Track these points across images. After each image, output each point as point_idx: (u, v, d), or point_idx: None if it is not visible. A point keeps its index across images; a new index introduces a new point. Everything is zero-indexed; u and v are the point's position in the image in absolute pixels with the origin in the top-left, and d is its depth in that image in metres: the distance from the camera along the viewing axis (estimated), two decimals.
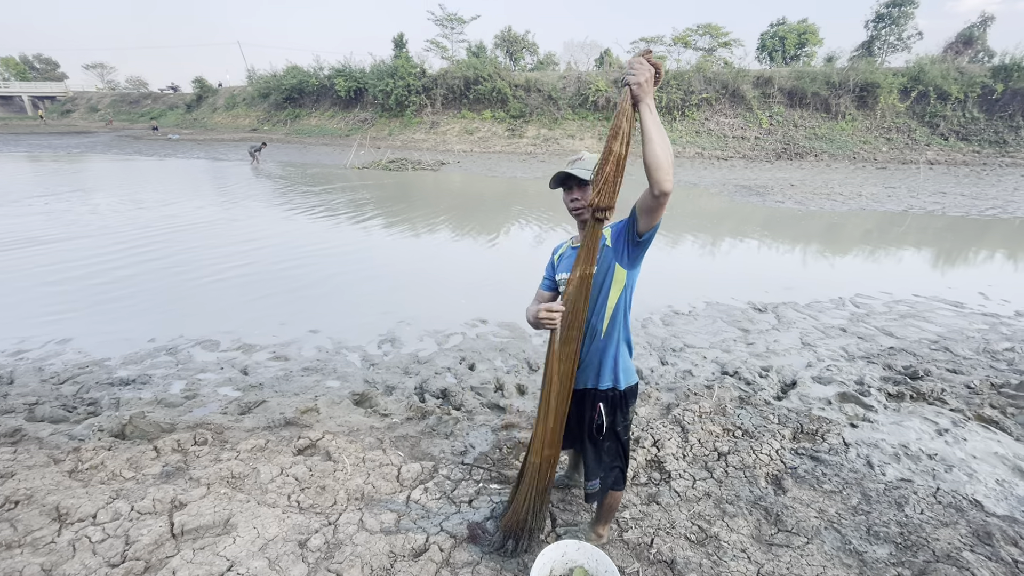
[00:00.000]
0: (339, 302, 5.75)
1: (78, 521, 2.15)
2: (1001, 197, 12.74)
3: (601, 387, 1.85)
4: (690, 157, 21.34)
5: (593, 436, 1.88)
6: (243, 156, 21.83)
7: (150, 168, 18.56)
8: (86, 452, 2.70)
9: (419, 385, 3.97)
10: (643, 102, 1.51)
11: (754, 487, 2.59)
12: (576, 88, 25.72)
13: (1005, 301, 5.82)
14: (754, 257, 7.82)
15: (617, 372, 1.84)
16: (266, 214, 10.53)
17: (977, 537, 2.24)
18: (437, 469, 2.71)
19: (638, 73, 1.48)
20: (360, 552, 2.05)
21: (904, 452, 2.99)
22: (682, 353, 4.52)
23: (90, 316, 5.23)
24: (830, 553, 2.15)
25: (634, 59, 1.52)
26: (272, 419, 3.23)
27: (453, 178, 16.67)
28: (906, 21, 29.39)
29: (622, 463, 1.97)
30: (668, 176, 1.50)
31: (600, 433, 1.86)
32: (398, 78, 28.12)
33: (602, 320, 1.78)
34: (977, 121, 20.97)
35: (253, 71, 38.21)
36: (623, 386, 1.86)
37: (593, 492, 1.95)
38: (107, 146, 27.41)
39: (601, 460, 1.92)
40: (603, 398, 1.85)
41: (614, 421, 1.87)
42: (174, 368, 4.22)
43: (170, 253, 7.46)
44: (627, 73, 1.50)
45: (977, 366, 4.23)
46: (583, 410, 1.91)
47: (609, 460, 1.93)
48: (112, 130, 38.51)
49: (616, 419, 1.88)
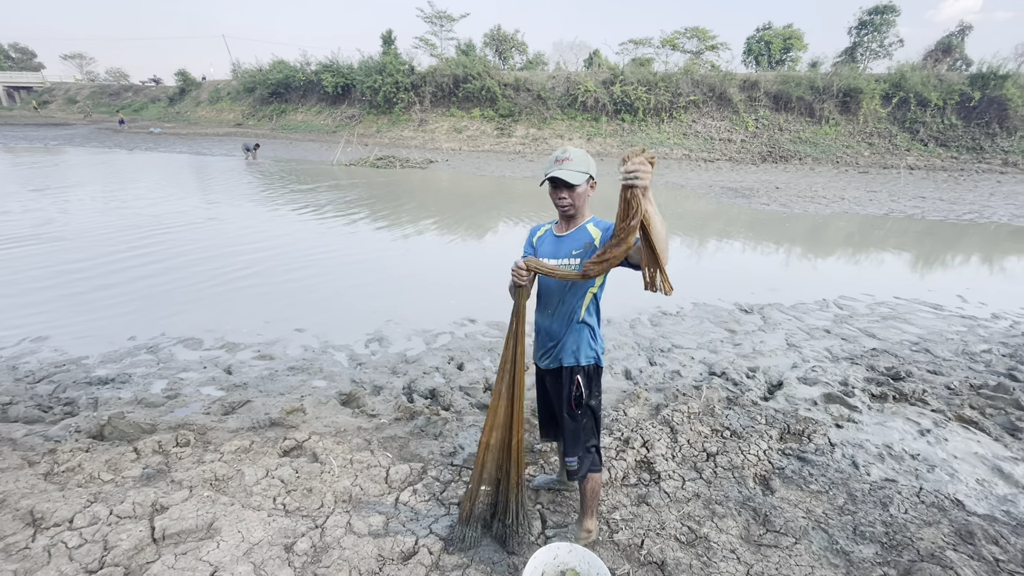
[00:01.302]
0: (325, 301, 5.67)
1: (54, 526, 2.08)
2: (978, 202, 13.06)
3: (581, 363, 2.00)
4: (677, 159, 21.51)
5: (572, 410, 2.02)
6: (227, 152, 21.52)
7: (131, 163, 18.15)
8: (62, 454, 2.62)
9: (407, 385, 3.93)
10: (647, 199, 1.60)
11: (743, 488, 2.61)
12: (565, 88, 25.77)
13: (982, 304, 5.96)
14: (740, 259, 7.91)
15: (593, 350, 2.02)
16: (251, 211, 10.36)
17: (959, 536, 2.28)
18: (426, 470, 2.68)
19: (644, 177, 1.54)
20: (348, 556, 2.02)
21: (888, 452, 3.04)
22: (670, 354, 4.55)
23: (67, 314, 5.08)
24: (818, 553, 2.17)
25: (636, 161, 1.55)
26: (257, 420, 3.17)
27: (441, 176, 16.58)
28: (888, 28, 29.94)
29: (596, 440, 2.10)
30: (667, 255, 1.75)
31: (579, 406, 2.01)
32: (386, 75, 27.87)
33: (581, 306, 1.96)
34: (955, 128, 21.47)
35: (238, 65, 37.60)
36: (601, 363, 2.06)
37: (572, 469, 2.06)
38: (86, 139, 26.76)
39: (579, 436, 2.04)
40: (581, 372, 2.01)
41: (590, 394, 2.03)
42: (155, 367, 4.12)
43: (152, 250, 7.29)
44: (631, 176, 1.55)
45: (956, 367, 4.32)
46: (561, 387, 2.06)
47: (585, 437, 2.06)
48: (91, 122, 37.58)
49: (592, 392, 2.03)
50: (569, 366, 2.01)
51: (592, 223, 1.97)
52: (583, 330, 1.98)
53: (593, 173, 1.90)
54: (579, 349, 1.99)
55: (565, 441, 2.08)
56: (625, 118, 24.29)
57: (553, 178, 1.87)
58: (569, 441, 2.05)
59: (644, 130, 23.76)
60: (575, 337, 1.98)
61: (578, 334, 1.98)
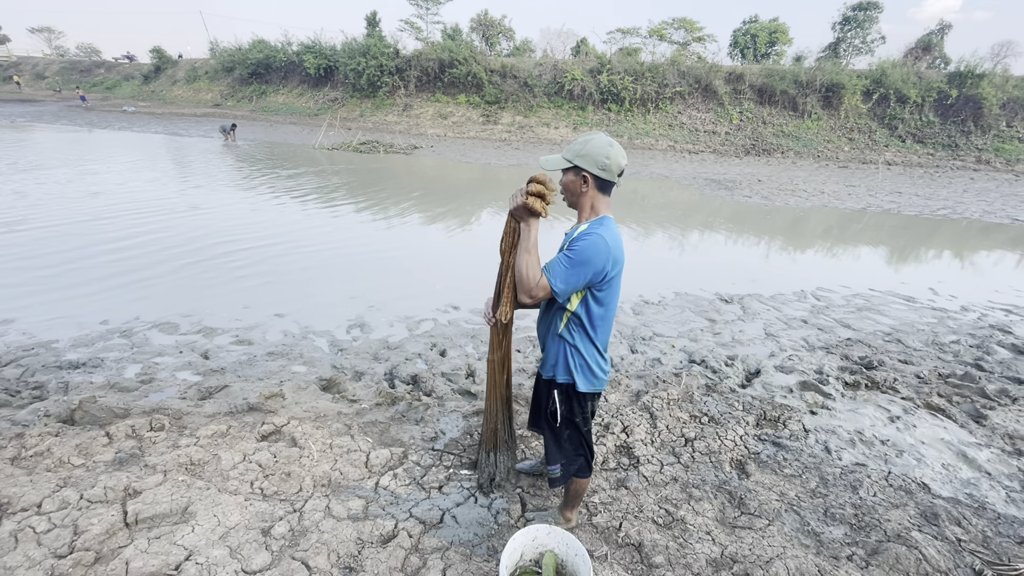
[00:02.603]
0: (306, 286, 5.59)
1: (21, 511, 2.02)
2: (951, 198, 13.40)
3: (558, 380, 1.86)
4: (662, 150, 21.61)
5: (549, 421, 1.93)
6: (205, 133, 20.94)
7: (104, 142, 17.54)
8: (30, 438, 2.55)
9: (389, 371, 3.90)
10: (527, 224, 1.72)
11: (719, 472, 2.66)
12: (552, 76, 25.58)
13: (952, 297, 6.15)
14: (722, 250, 8.00)
15: (568, 371, 1.84)
16: (229, 195, 10.11)
17: (925, 518, 2.36)
18: (407, 455, 2.67)
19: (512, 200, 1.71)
20: (327, 539, 2.01)
21: (859, 438, 3.13)
22: (651, 342, 4.59)
23: (36, 296, 4.92)
24: (790, 534, 2.22)
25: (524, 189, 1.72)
26: (234, 404, 3.12)
27: (426, 163, 16.39)
28: (871, 25, 30.35)
29: (586, 452, 2.00)
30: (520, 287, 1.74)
31: (554, 420, 1.89)
32: (370, 57, 27.30)
33: (560, 319, 1.81)
34: (932, 125, 21.95)
35: (216, 43, 36.40)
36: (581, 388, 1.85)
37: (554, 477, 2.00)
38: (55, 116, 25.76)
39: (562, 448, 1.96)
40: (557, 388, 1.87)
41: (571, 412, 1.90)
42: (128, 351, 4.02)
43: (124, 233, 7.08)
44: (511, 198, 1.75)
45: (926, 357, 4.46)
46: (540, 396, 1.99)
47: (572, 449, 1.97)
48: (61, 99, 36.14)
49: (573, 411, 1.90)
50: (547, 378, 1.91)
51: (588, 224, 1.74)
52: (561, 345, 1.83)
53: (585, 165, 1.68)
54: (556, 364, 1.86)
55: (546, 449, 2.02)
56: (611, 108, 24.25)
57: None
58: (550, 450, 1.98)
59: (630, 120, 23.77)
60: (554, 350, 1.86)
61: (557, 347, 1.85)
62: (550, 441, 1.98)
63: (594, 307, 1.76)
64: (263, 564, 1.88)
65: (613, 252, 1.69)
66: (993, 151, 20.58)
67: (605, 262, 1.67)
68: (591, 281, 1.69)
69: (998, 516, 2.46)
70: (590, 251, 1.65)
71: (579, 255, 1.65)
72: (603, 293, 1.74)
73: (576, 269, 1.65)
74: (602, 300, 1.75)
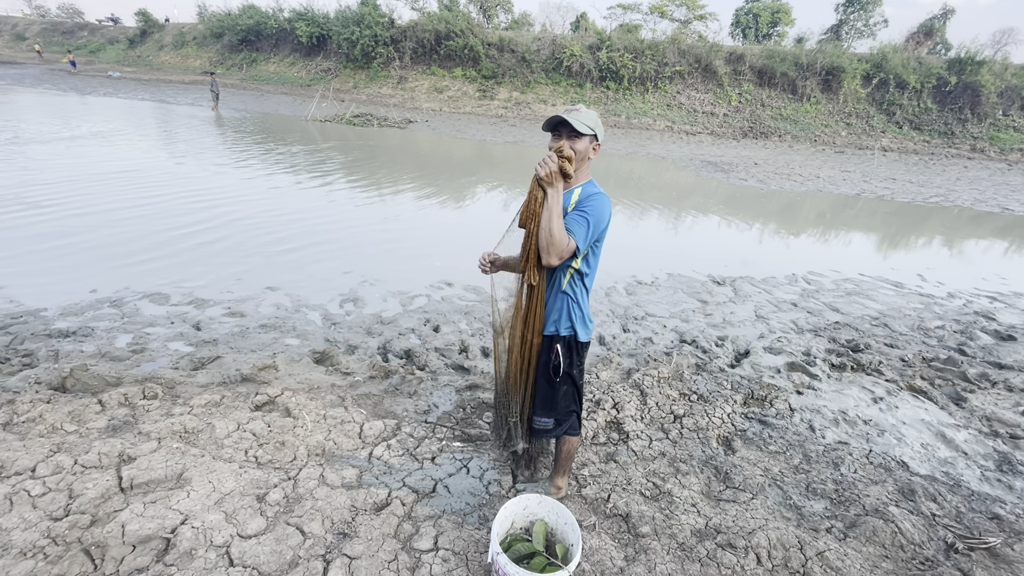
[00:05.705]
0: (299, 260, 5.54)
1: (15, 475, 2.03)
2: (944, 186, 13.47)
3: (561, 333, 1.97)
4: (660, 130, 21.41)
5: (550, 377, 2.01)
6: (193, 101, 20.41)
7: (89, 108, 17.06)
8: (22, 404, 2.54)
9: (382, 345, 3.91)
10: (554, 188, 1.73)
11: (706, 447, 2.72)
12: (551, 51, 25.09)
13: (940, 283, 6.24)
14: (715, 232, 8.02)
15: (570, 322, 1.96)
16: (220, 166, 9.93)
17: (902, 494, 2.44)
18: (400, 427, 2.70)
19: (541, 168, 1.71)
20: (320, 506, 2.04)
21: (843, 417, 3.20)
22: (643, 321, 4.63)
23: (23, 264, 4.85)
24: (772, 507, 2.29)
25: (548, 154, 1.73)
26: (228, 375, 3.12)
27: (420, 137, 16.14)
28: (874, 8, 29.95)
29: (577, 407, 2.09)
30: (547, 252, 1.76)
31: (556, 374, 1.99)
32: (364, 27, 26.53)
33: (564, 276, 1.91)
34: (930, 112, 21.90)
35: (204, 7, 35.27)
36: (581, 337, 1.99)
37: (546, 429, 2.06)
38: (37, 80, 24.96)
39: (557, 403, 2.04)
40: (560, 341, 1.98)
41: (571, 364, 2.00)
42: (119, 321, 3.99)
43: (114, 203, 6.95)
44: (538, 164, 1.73)
45: (912, 341, 4.54)
46: (542, 352, 2.04)
47: (565, 404, 2.05)
48: (43, 62, 34.96)
49: (573, 362, 2.01)
50: (550, 335, 1.99)
51: (582, 188, 1.86)
52: (564, 300, 1.94)
53: (600, 135, 1.82)
54: (560, 319, 1.96)
55: (536, 402, 2.07)
56: (610, 86, 23.91)
57: (557, 122, 1.78)
58: (539, 403, 2.05)
59: (628, 99, 23.47)
60: (558, 306, 1.95)
61: (560, 303, 1.94)
62: (547, 396, 2.04)
63: (592, 261, 1.93)
64: (258, 529, 1.91)
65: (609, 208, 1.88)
66: (988, 140, 20.63)
67: (609, 218, 1.85)
68: (599, 237, 1.85)
69: (972, 493, 2.55)
70: (602, 209, 1.81)
71: (594, 214, 1.79)
72: (598, 248, 1.91)
73: (594, 227, 1.79)
74: (597, 254, 1.93)
